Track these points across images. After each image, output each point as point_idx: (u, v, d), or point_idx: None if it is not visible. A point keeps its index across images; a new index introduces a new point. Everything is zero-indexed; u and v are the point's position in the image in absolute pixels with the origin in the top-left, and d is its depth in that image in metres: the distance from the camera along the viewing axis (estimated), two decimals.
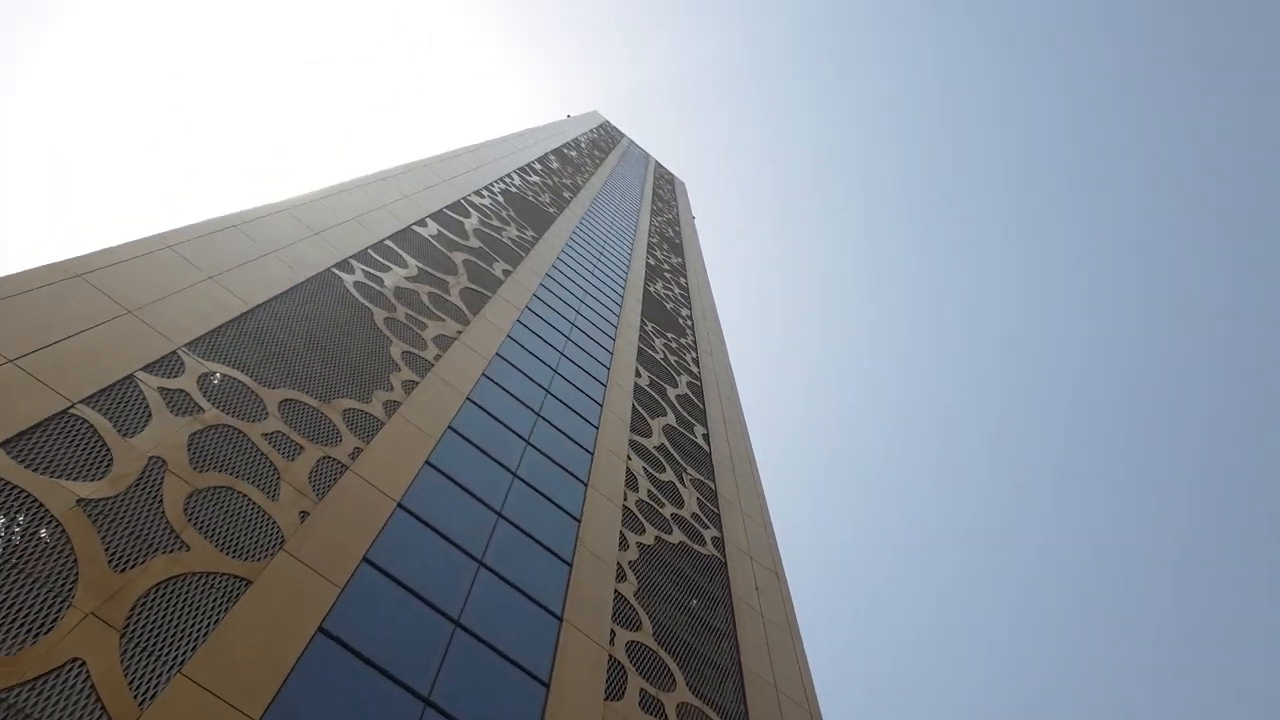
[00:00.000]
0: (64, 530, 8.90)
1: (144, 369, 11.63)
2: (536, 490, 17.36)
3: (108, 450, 10.15)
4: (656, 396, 28.75)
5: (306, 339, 15.73)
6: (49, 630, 7.94)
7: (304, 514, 11.67)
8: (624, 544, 18.07)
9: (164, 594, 9.19)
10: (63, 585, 8.42)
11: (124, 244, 13.07)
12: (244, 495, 11.19)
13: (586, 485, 19.20)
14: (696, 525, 21.76)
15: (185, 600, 9.32)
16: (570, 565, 15.70)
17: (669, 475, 23.41)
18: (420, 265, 22.72)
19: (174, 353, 12.39)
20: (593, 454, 20.88)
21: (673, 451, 25.46)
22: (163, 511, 10.10)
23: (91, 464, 9.89)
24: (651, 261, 50.31)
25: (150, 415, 11.08)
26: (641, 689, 13.69)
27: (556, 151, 56.12)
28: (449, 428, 16.79)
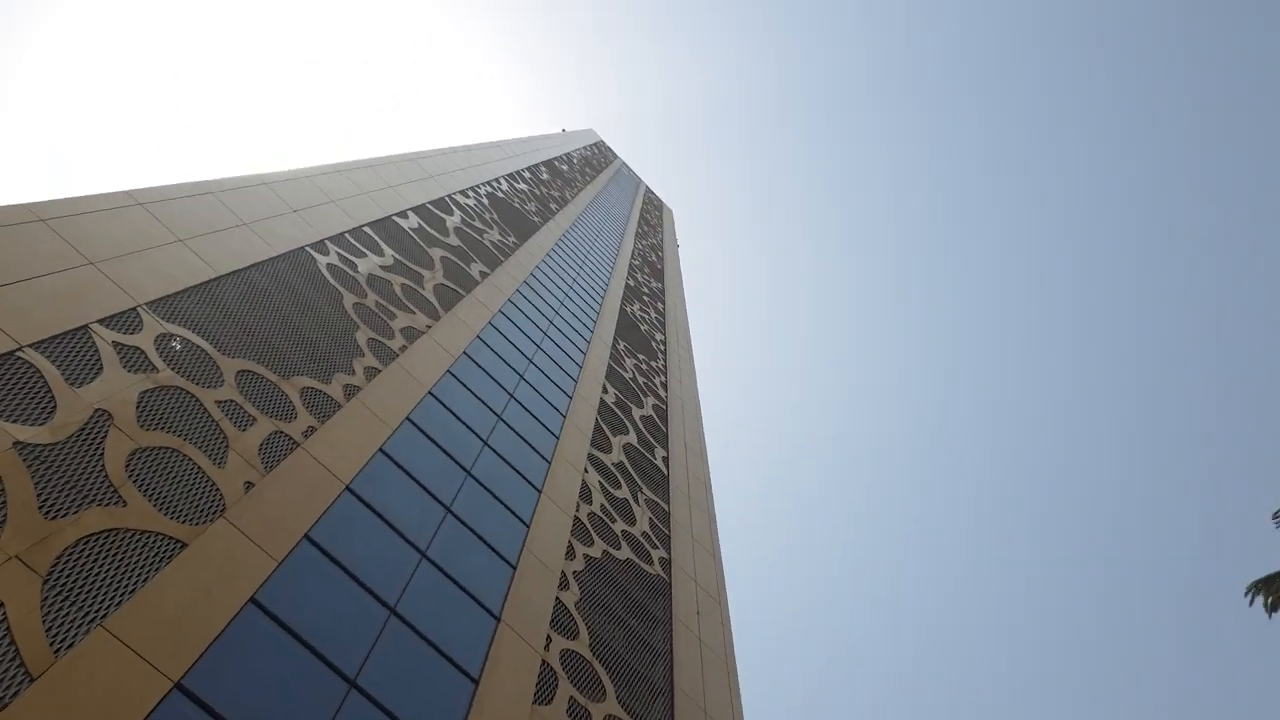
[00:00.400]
0: None
1: (100, 322, 11.46)
2: (489, 491, 17.25)
3: (52, 397, 9.97)
4: (621, 414, 28.72)
5: (272, 314, 15.59)
6: None
7: (249, 484, 11.51)
8: (571, 554, 17.96)
9: (94, 546, 9.00)
10: None
11: (93, 195, 12.92)
12: (189, 459, 11.02)
13: (540, 492, 19.10)
14: (646, 544, 21.69)
15: (116, 555, 9.13)
16: (514, 568, 15.58)
17: (624, 492, 23.35)
18: (397, 256, 22.64)
19: (134, 309, 12.22)
20: (550, 462, 20.79)
21: (630, 470, 25.41)
22: (103, 465, 9.92)
23: (34, 409, 9.71)
24: (631, 283, 50.44)
25: (101, 368, 10.91)
26: (571, 697, 13.57)
27: (548, 163, 56.30)
28: (407, 419, 16.66)
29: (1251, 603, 19.75)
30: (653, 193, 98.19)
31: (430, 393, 18.25)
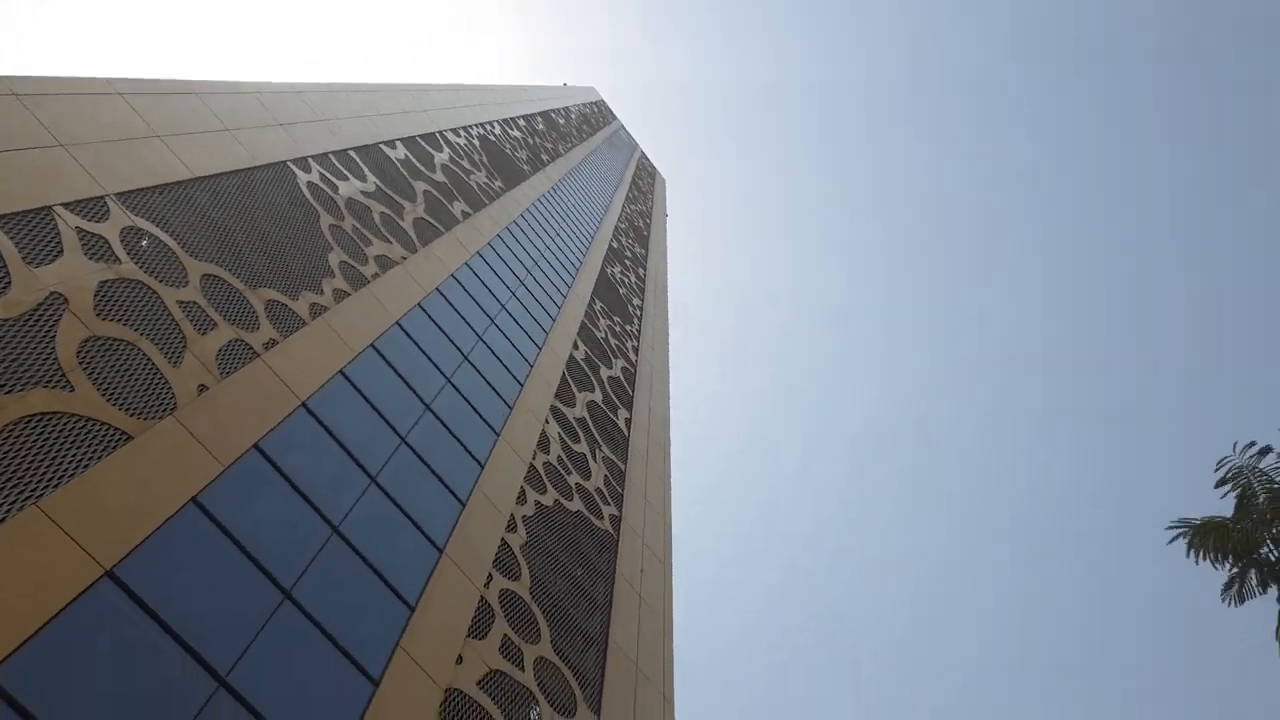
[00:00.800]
0: None
1: (65, 205, 11.23)
2: (446, 427, 17.21)
3: (7, 273, 9.78)
4: (589, 372, 28.71)
5: (245, 223, 15.36)
6: None
7: (203, 387, 11.39)
8: (522, 499, 18.01)
9: (37, 426, 8.88)
10: None
11: (71, 78, 12.60)
12: (144, 354, 10.88)
13: (498, 435, 19.09)
14: (598, 500, 21.79)
15: (58, 438, 9.02)
16: (463, 505, 15.60)
17: (583, 447, 23.40)
18: (379, 184, 22.36)
19: (102, 198, 11.99)
20: (511, 408, 20.77)
21: (591, 427, 25.45)
22: (54, 348, 9.77)
23: None
24: (615, 245, 50.21)
25: (62, 251, 10.71)
26: (506, 635, 13.67)
27: (544, 114, 55.69)
28: (371, 345, 16.54)
29: (1171, 541, 19.60)
30: (647, 158, 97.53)
31: (398, 323, 18.12)
